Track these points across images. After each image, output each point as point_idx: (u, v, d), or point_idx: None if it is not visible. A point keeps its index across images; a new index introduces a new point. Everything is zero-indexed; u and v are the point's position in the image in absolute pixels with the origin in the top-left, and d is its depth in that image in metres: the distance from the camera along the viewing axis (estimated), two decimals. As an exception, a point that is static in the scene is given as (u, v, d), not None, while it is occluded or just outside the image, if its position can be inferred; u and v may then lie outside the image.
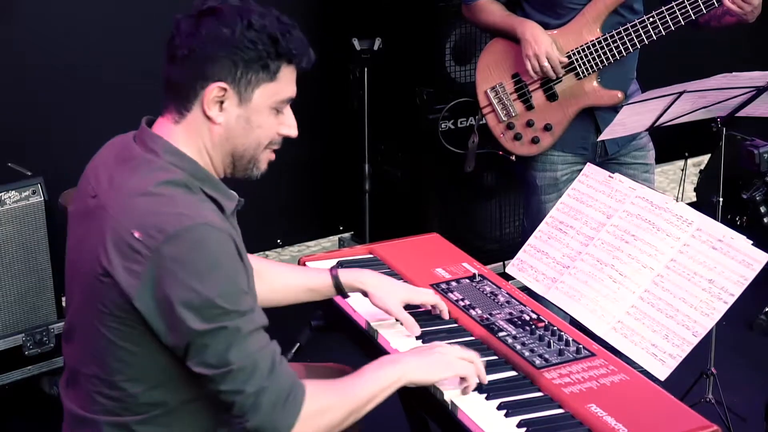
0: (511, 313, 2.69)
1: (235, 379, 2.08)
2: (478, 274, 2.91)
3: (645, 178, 3.74)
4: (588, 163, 3.00)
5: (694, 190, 5.79)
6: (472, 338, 2.60)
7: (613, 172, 2.91)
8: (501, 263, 4.74)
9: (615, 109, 3.50)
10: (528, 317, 2.67)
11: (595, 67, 3.58)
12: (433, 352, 2.35)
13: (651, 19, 3.46)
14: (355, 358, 2.79)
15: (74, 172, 4.02)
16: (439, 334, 2.62)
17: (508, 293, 2.80)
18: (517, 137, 3.74)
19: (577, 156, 3.74)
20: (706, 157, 5.96)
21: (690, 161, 6.10)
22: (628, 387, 2.36)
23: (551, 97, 3.67)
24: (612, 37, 3.53)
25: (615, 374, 2.40)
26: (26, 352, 3.98)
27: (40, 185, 3.99)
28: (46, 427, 2.46)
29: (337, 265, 2.78)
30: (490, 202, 5.02)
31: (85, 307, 2.17)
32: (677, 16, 3.43)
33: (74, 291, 2.24)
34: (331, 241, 5.57)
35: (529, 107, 3.71)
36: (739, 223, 5.20)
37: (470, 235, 4.90)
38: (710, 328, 2.50)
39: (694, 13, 3.42)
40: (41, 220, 3.98)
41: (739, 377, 4.18)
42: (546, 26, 3.62)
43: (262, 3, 2.20)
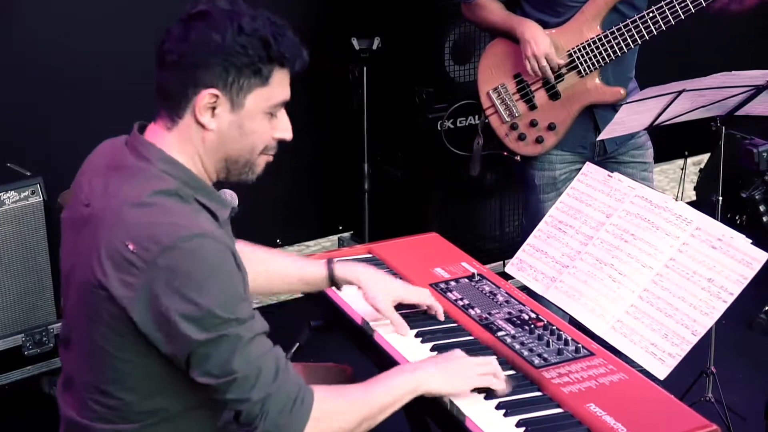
0: (510, 313, 2.69)
1: (241, 387, 2.07)
2: (477, 274, 2.91)
3: (643, 177, 3.74)
4: (587, 162, 3.00)
5: (694, 189, 5.79)
6: (470, 338, 2.60)
7: (612, 171, 2.91)
8: (501, 262, 4.73)
9: (614, 108, 3.50)
10: (527, 317, 2.67)
11: (596, 64, 3.58)
12: (452, 362, 2.34)
13: (651, 15, 3.46)
14: (355, 358, 2.80)
15: (73, 173, 4.02)
16: (436, 334, 2.62)
17: (507, 293, 2.80)
18: (521, 137, 3.74)
19: (576, 155, 3.73)
20: (705, 156, 5.95)
21: (690, 160, 6.10)
22: (628, 386, 2.36)
23: (554, 96, 3.67)
24: (612, 33, 3.53)
25: (614, 373, 2.40)
26: (25, 353, 3.98)
27: (39, 185, 3.98)
28: (46, 428, 2.46)
29: (332, 258, 2.75)
30: (490, 202, 5.02)
31: (80, 315, 2.15)
32: (677, 10, 3.43)
33: (69, 298, 2.23)
34: (330, 241, 5.57)
35: (532, 107, 3.71)
36: (739, 222, 5.20)
37: (470, 235, 4.90)
38: (710, 327, 2.50)
39: (694, 6, 3.41)
40: (40, 221, 3.98)
41: (739, 376, 4.18)
42: (545, 25, 3.62)
43: (262, 1, 2.19)
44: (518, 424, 2.22)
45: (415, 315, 2.67)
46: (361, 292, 2.67)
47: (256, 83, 2.14)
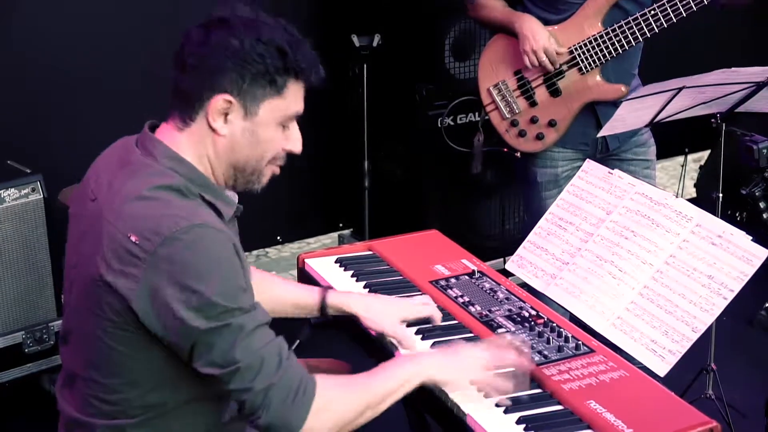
0: (510, 310, 2.69)
1: (243, 377, 2.07)
2: (478, 271, 2.91)
3: (646, 174, 3.74)
4: (587, 160, 3.00)
5: (694, 185, 5.78)
6: (471, 335, 2.60)
7: (614, 169, 2.91)
8: (501, 260, 4.73)
9: (616, 104, 3.49)
10: (527, 314, 2.67)
11: (597, 61, 3.58)
12: (456, 354, 2.34)
13: (652, 12, 3.46)
14: (355, 355, 2.79)
15: (73, 170, 4.02)
16: (436, 331, 2.62)
17: (507, 290, 2.80)
18: (522, 134, 3.74)
19: (578, 152, 3.73)
20: (706, 153, 5.95)
21: (690, 157, 6.09)
22: (628, 383, 2.36)
23: (554, 93, 3.66)
24: (614, 30, 3.52)
25: (614, 370, 2.40)
26: (26, 350, 3.98)
27: (39, 183, 3.98)
28: (46, 425, 2.46)
29: (327, 286, 2.76)
30: (491, 199, 5.02)
31: (83, 310, 2.16)
32: (678, 7, 3.43)
33: (72, 293, 2.24)
34: (331, 238, 5.57)
35: (533, 104, 3.70)
36: (739, 218, 5.20)
37: (470, 232, 4.90)
38: (710, 324, 2.50)
39: (696, 4, 3.41)
40: (41, 218, 3.98)
41: (739, 373, 4.18)
42: (547, 22, 3.61)
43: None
44: (518, 421, 2.22)
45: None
46: (359, 321, 2.66)
47: (271, 93, 2.16)
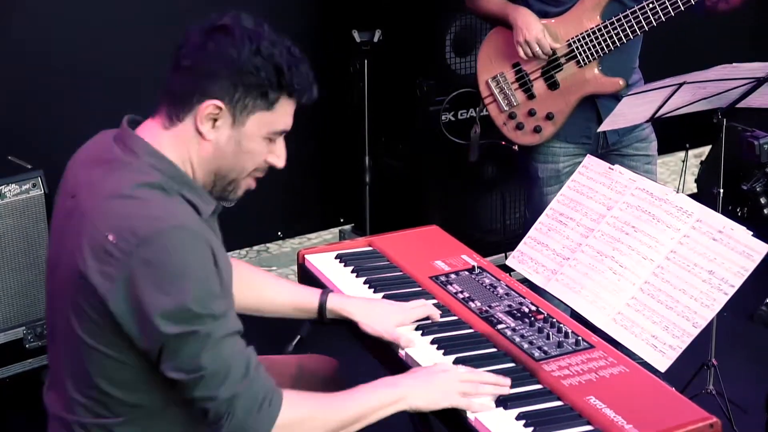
0: (510, 306, 2.69)
1: (208, 385, 2.07)
2: (478, 267, 2.90)
3: (647, 170, 3.74)
4: (588, 155, 2.99)
5: (695, 181, 5.78)
6: (471, 331, 2.60)
7: (615, 164, 2.91)
8: (502, 255, 4.73)
9: (617, 98, 3.50)
10: (527, 309, 2.67)
11: (595, 54, 3.58)
12: (435, 377, 2.32)
13: (651, 5, 3.46)
14: (355, 351, 2.80)
15: (75, 166, 4.02)
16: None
17: (507, 285, 2.80)
18: (520, 127, 3.74)
19: (580, 147, 3.73)
20: (707, 148, 5.95)
21: (691, 152, 6.09)
22: (628, 379, 2.36)
23: (552, 86, 3.67)
24: (612, 23, 3.53)
25: (614, 366, 2.40)
26: (27, 345, 3.98)
27: (40, 178, 3.98)
28: (46, 421, 2.46)
29: (328, 290, 2.75)
30: (492, 194, 5.02)
31: (65, 308, 2.16)
32: (677, 1, 3.42)
33: (55, 294, 2.24)
34: (331, 234, 5.57)
35: (531, 96, 3.70)
36: (740, 214, 5.19)
37: (471, 227, 4.90)
38: (711, 320, 2.50)
39: None
40: (41, 213, 3.98)
41: (740, 368, 4.18)
42: (546, 15, 3.62)
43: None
44: (518, 417, 2.22)
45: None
46: (358, 325, 2.66)
47: (261, 106, 2.15)
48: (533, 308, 2.67)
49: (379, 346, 2.61)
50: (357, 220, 5.44)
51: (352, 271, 2.93)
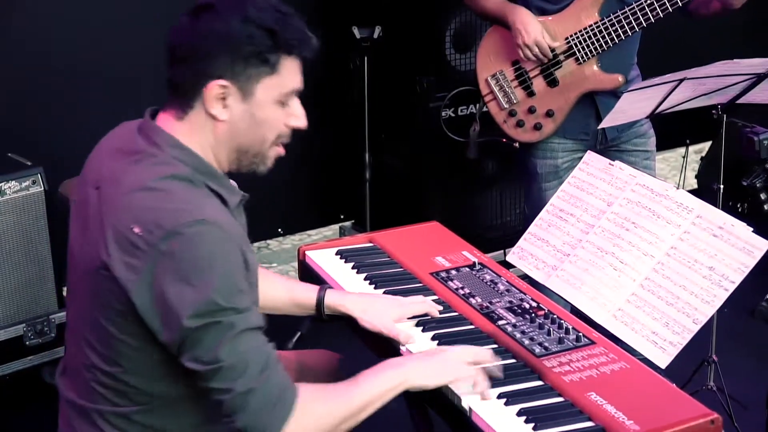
0: (510, 302, 2.69)
1: (225, 377, 2.06)
2: (478, 263, 2.90)
3: (646, 165, 3.74)
4: (588, 151, 2.99)
5: (695, 177, 5.78)
6: (471, 327, 2.60)
7: (614, 160, 2.91)
8: (502, 251, 4.73)
9: (616, 95, 3.50)
10: (528, 305, 2.67)
11: (594, 51, 3.58)
12: (436, 356, 2.33)
13: (649, 2, 3.45)
14: (355, 347, 2.80)
15: (74, 162, 4.01)
16: (432, 323, 2.62)
17: (507, 281, 2.80)
18: (520, 124, 3.74)
19: (578, 143, 3.73)
20: (707, 144, 5.94)
21: (691, 148, 6.09)
22: (629, 375, 2.35)
23: (552, 83, 3.66)
24: (610, 20, 3.53)
25: (615, 362, 2.39)
26: (27, 343, 3.99)
27: (40, 175, 3.98)
28: (47, 418, 2.46)
29: (326, 286, 2.75)
30: (491, 190, 5.02)
31: (87, 298, 2.16)
32: None
33: (77, 282, 2.24)
34: (332, 230, 5.57)
35: (531, 94, 3.70)
36: (740, 210, 5.19)
37: (471, 224, 4.90)
38: (711, 316, 2.49)
39: None
40: (41, 210, 3.98)
41: (741, 365, 4.18)
42: (544, 12, 3.62)
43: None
44: (519, 413, 2.22)
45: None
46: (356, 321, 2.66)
47: (265, 72, 2.14)
48: (534, 304, 2.67)
49: (380, 343, 2.61)
50: (357, 217, 5.44)
51: (353, 267, 2.93)
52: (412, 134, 4.93)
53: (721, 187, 3.70)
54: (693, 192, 2.73)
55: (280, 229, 5.41)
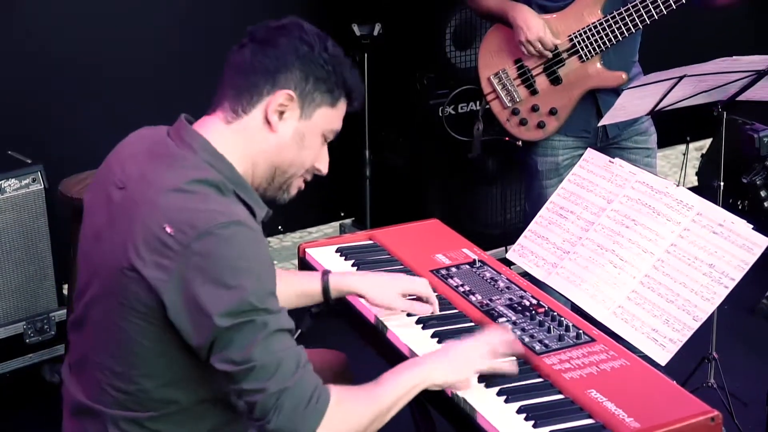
0: (511, 299, 2.69)
1: (258, 377, 2.04)
2: (478, 260, 2.90)
3: (647, 163, 3.73)
4: (588, 149, 2.99)
5: (696, 174, 5.78)
6: (471, 324, 2.60)
7: (615, 157, 2.91)
8: (502, 249, 4.73)
9: (616, 92, 3.49)
10: (528, 303, 2.67)
11: (597, 49, 3.57)
12: (452, 351, 2.33)
13: None
14: (356, 344, 2.80)
15: (74, 160, 4.01)
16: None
17: (508, 279, 2.80)
18: (523, 122, 3.73)
19: (579, 140, 3.73)
20: (707, 142, 5.94)
21: (692, 145, 6.08)
22: (629, 372, 2.36)
23: (555, 81, 3.66)
24: (613, 18, 3.52)
25: (615, 359, 2.40)
26: (27, 340, 3.99)
27: (40, 173, 3.98)
28: (47, 415, 2.46)
29: (327, 270, 2.74)
30: (492, 188, 5.01)
31: (104, 299, 2.14)
32: None
33: (90, 281, 2.20)
34: (332, 227, 5.57)
35: (533, 92, 3.70)
36: (740, 207, 5.19)
37: (471, 221, 4.90)
38: (711, 313, 2.50)
39: None
40: (41, 208, 3.98)
41: (741, 362, 4.18)
42: (546, 9, 3.61)
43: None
44: (519, 411, 2.22)
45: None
46: (364, 300, 2.67)
47: (326, 101, 2.22)
48: (534, 302, 2.67)
49: (380, 340, 2.61)
50: (357, 214, 5.44)
51: (353, 265, 2.94)
52: (412, 132, 4.93)
53: (722, 184, 3.70)
54: (693, 189, 2.73)
55: (280, 227, 5.41)
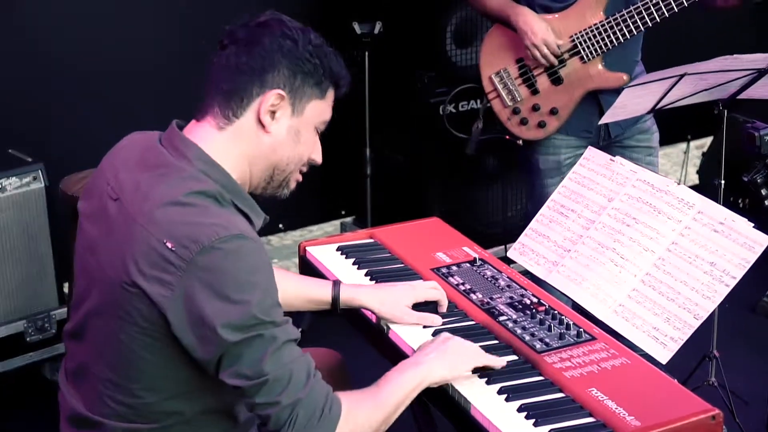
0: (511, 297, 2.69)
1: (271, 391, 2.04)
2: (479, 258, 2.90)
3: (649, 162, 3.73)
4: (589, 147, 2.98)
5: (697, 172, 5.78)
6: (472, 323, 2.60)
7: (617, 156, 2.90)
8: (503, 247, 4.73)
9: (619, 92, 3.49)
10: (529, 301, 2.67)
11: (599, 50, 3.57)
12: (448, 346, 2.34)
13: (654, 1, 3.44)
14: (356, 343, 2.80)
15: (75, 158, 4.01)
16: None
17: (508, 277, 2.80)
18: (524, 122, 3.73)
19: (581, 139, 3.73)
20: (708, 140, 5.94)
21: (693, 144, 6.08)
22: (630, 371, 2.36)
23: (556, 81, 3.66)
24: (615, 19, 3.51)
25: (616, 358, 2.40)
26: (28, 339, 3.98)
27: (40, 171, 3.98)
28: (48, 414, 2.46)
29: (338, 281, 2.73)
30: (492, 186, 5.01)
31: (104, 311, 2.12)
32: None
33: (88, 291, 2.18)
34: (333, 226, 5.57)
35: (535, 92, 3.70)
36: (741, 205, 5.19)
37: (472, 219, 4.89)
38: (712, 311, 2.49)
39: None
40: (42, 207, 3.98)
41: (742, 360, 4.18)
42: (549, 10, 3.60)
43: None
44: (520, 409, 2.22)
45: (416, 305, 2.66)
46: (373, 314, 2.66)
47: (316, 94, 2.21)
48: (535, 300, 2.67)
49: (381, 338, 2.61)
50: (358, 213, 5.43)
51: (354, 263, 2.93)
52: (412, 130, 4.92)
53: (722, 182, 3.70)
54: (694, 188, 2.73)
55: (281, 225, 5.40)
